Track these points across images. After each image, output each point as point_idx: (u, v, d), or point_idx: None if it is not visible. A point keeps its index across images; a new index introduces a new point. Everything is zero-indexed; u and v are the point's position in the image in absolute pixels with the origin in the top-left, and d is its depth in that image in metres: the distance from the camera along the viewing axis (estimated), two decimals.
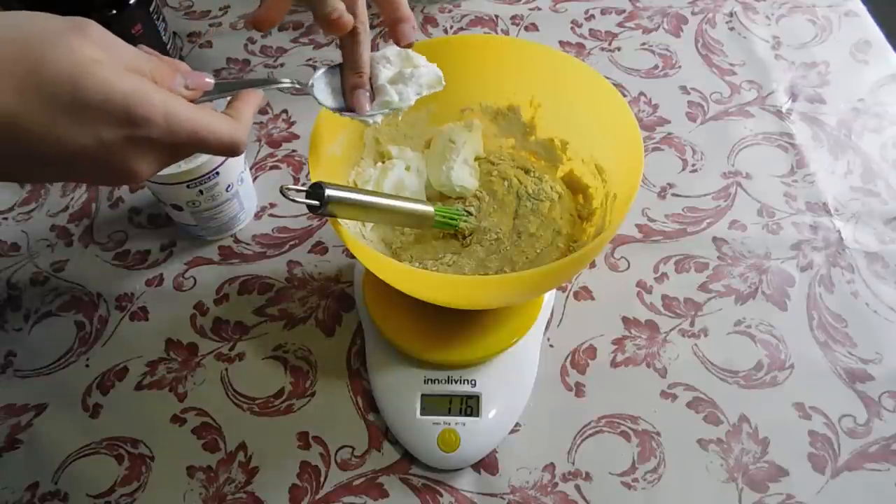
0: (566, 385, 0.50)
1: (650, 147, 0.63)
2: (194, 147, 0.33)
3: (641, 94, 0.67)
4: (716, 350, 0.51)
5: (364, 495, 0.46)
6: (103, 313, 0.54)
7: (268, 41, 0.72)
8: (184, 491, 0.46)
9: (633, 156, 0.41)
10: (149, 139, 0.31)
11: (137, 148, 0.31)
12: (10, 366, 0.52)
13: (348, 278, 0.55)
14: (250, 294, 0.55)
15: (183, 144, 0.32)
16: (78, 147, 0.29)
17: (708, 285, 0.54)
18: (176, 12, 0.76)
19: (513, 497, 0.45)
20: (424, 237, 0.49)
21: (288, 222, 0.59)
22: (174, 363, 0.51)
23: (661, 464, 0.46)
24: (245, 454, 0.47)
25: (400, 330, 0.48)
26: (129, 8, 0.58)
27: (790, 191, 0.59)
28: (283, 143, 0.64)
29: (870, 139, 0.63)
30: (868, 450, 0.46)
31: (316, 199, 0.37)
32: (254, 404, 0.49)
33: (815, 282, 0.54)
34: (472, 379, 0.47)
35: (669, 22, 0.73)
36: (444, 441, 0.45)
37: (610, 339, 0.52)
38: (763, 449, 0.47)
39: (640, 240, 0.57)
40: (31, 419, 0.49)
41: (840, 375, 0.50)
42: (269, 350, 0.52)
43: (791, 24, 0.72)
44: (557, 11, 0.74)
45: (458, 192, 0.49)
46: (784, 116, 0.65)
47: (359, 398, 0.49)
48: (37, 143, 0.29)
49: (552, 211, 0.49)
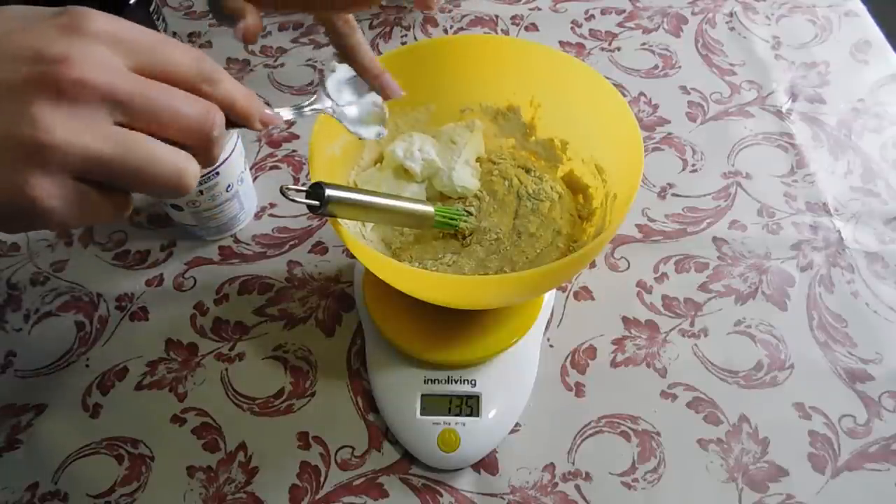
0: (566, 385, 0.50)
1: (650, 147, 0.63)
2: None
3: (641, 94, 0.67)
4: (716, 350, 0.51)
5: (364, 495, 0.46)
6: (103, 313, 0.54)
7: (268, 41, 0.72)
8: (184, 491, 0.46)
9: (633, 156, 0.41)
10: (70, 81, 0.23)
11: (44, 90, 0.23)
12: (10, 366, 0.52)
13: (348, 278, 0.55)
14: (250, 294, 0.55)
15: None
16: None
17: (708, 285, 0.54)
18: (176, 12, 0.76)
19: (513, 497, 0.45)
20: (424, 237, 0.49)
21: (288, 222, 0.59)
22: (174, 363, 0.51)
23: (661, 464, 0.46)
24: (245, 454, 0.47)
25: (400, 330, 0.48)
26: (129, 8, 0.58)
27: (790, 191, 0.59)
28: (283, 143, 0.64)
29: (870, 139, 0.63)
30: (868, 450, 0.46)
31: (316, 199, 0.37)
32: (254, 404, 0.49)
33: (815, 282, 0.54)
34: (472, 379, 0.47)
35: (669, 22, 0.73)
36: (444, 441, 0.45)
37: (610, 339, 0.52)
38: (763, 449, 0.47)
39: (640, 240, 0.57)
40: (31, 419, 0.49)
41: (840, 375, 0.50)
42: (269, 350, 0.52)
43: (791, 24, 0.72)
44: (557, 11, 0.74)
45: (460, 193, 0.49)
46: (784, 116, 0.65)
47: (359, 398, 0.49)
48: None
49: (552, 211, 0.49)
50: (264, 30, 0.73)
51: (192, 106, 0.27)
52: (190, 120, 0.27)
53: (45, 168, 0.24)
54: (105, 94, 0.24)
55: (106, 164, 0.25)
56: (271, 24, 0.74)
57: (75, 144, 0.24)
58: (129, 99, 0.25)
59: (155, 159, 0.26)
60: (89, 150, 0.24)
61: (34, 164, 0.23)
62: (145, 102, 0.25)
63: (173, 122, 0.26)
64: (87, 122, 0.24)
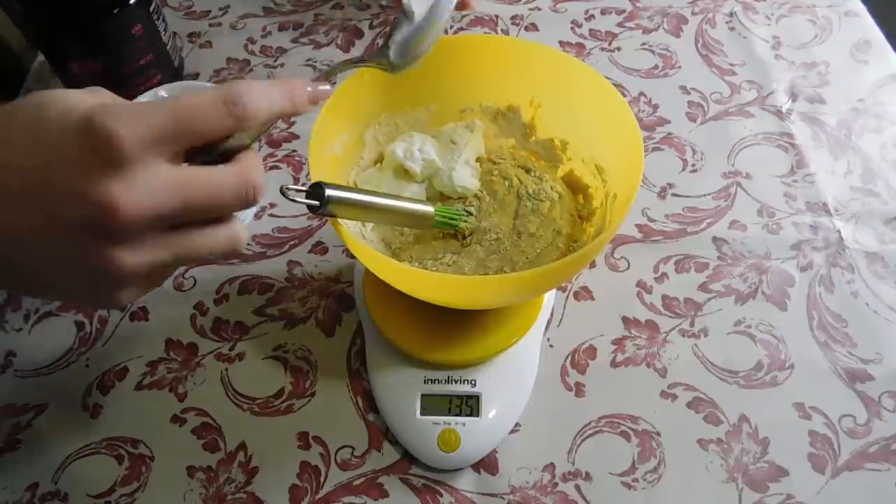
0: (566, 385, 0.50)
1: (650, 147, 0.63)
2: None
3: (641, 94, 0.67)
4: (716, 350, 0.51)
5: (364, 495, 0.46)
6: (103, 313, 0.54)
7: (268, 41, 0.72)
8: (184, 491, 0.46)
9: (633, 156, 0.41)
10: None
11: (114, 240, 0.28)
12: (10, 366, 0.52)
13: (348, 278, 0.55)
14: (250, 294, 0.55)
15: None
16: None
17: (708, 285, 0.54)
18: (176, 12, 0.76)
19: (513, 497, 0.45)
20: (424, 237, 0.49)
21: (288, 222, 0.59)
22: (174, 363, 0.51)
23: (661, 464, 0.46)
24: (245, 454, 0.47)
25: (400, 330, 0.48)
26: (129, 8, 0.58)
27: (790, 191, 0.59)
28: (283, 143, 0.64)
29: (870, 139, 0.63)
30: (868, 450, 0.46)
31: (316, 199, 0.37)
32: (254, 404, 0.49)
33: (815, 282, 0.54)
34: (472, 379, 0.47)
35: (669, 22, 0.73)
36: (444, 441, 0.45)
37: (610, 339, 0.52)
38: (763, 449, 0.47)
39: (640, 240, 0.57)
40: (31, 419, 0.49)
41: (840, 375, 0.50)
42: (269, 350, 0.52)
43: (791, 24, 0.72)
44: (557, 11, 0.74)
45: (460, 193, 0.49)
46: (784, 116, 0.65)
47: (359, 398, 0.49)
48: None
49: (552, 211, 0.49)
50: (264, 30, 0.73)
51: (229, 186, 0.30)
52: (231, 200, 0.30)
53: (123, 287, 0.30)
54: (153, 220, 0.28)
55: (172, 265, 0.30)
56: (271, 24, 0.74)
57: (145, 266, 0.29)
58: (173, 213, 0.28)
59: (209, 247, 0.31)
60: (158, 263, 0.29)
61: (116, 286, 0.29)
62: (188, 206, 0.29)
63: (217, 211, 0.30)
64: (146, 244, 0.28)
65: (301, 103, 0.33)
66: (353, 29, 0.73)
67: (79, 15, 0.57)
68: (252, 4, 0.76)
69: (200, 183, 0.28)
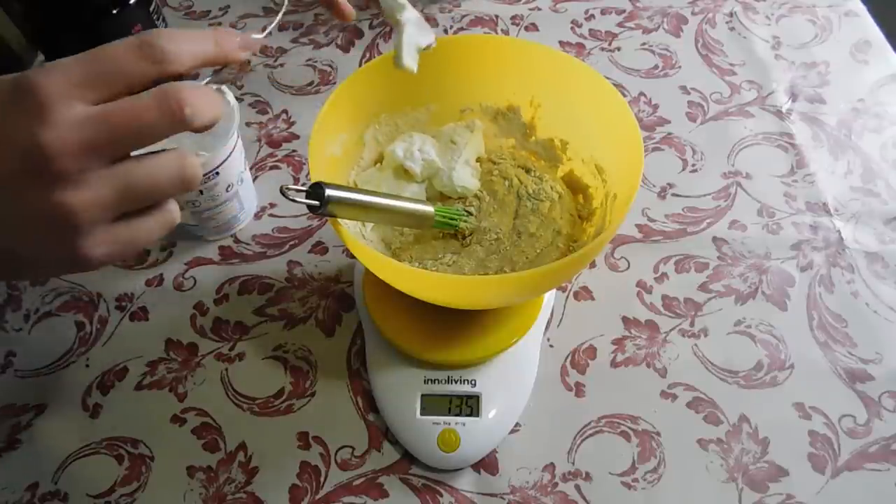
0: (566, 385, 0.50)
1: (650, 147, 0.63)
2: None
3: (641, 94, 0.67)
4: (716, 350, 0.51)
5: (364, 495, 0.46)
6: (103, 313, 0.54)
7: (268, 41, 0.72)
8: (184, 491, 0.46)
9: (633, 156, 0.41)
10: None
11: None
12: (10, 366, 0.52)
13: (348, 278, 0.55)
14: (250, 294, 0.55)
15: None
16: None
17: (708, 285, 0.54)
18: (176, 12, 0.76)
19: (513, 497, 0.45)
20: (424, 237, 0.49)
21: (288, 222, 0.59)
22: (174, 363, 0.51)
23: (661, 464, 0.46)
24: (245, 454, 0.47)
25: (400, 330, 0.48)
26: (129, 8, 0.58)
27: (790, 191, 0.59)
28: (283, 143, 0.64)
29: (870, 139, 0.63)
30: (868, 450, 0.46)
31: (316, 199, 0.37)
32: (254, 404, 0.49)
33: (815, 282, 0.54)
34: (472, 379, 0.47)
35: (669, 22, 0.73)
36: (444, 441, 0.45)
37: (610, 339, 0.52)
38: (763, 449, 0.47)
39: (640, 240, 0.57)
40: (31, 419, 0.49)
41: (840, 375, 0.50)
42: (269, 350, 0.52)
43: (791, 24, 0.72)
44: (557, 11, 0.74)
45: (460, 193, 0.49)
46: (784, 116, 0.65)
47: (359, 398, 0.49)
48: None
49: (552, 211, 0.49)
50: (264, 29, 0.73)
51: (151, 105, 0.29)
52: (157, 118, 0.29)
53: (81, 234, 0.28)
54: (83, 153, 0.28)
55: (121, 200, 0.29)
56: (271, 23, 0.74)
57: (92, 204, 0.28)
58: (102, 143, 0.28)
59: (155, 174, 0.30)
60: (105, 200, 0.28)
61: (74, 234, 0.28)
62: (115, 133, 0.28)
63: (149, 134, 0.29)
64: (89, 181, 0.28)
65: (231, 50, 0.34)
66: (353, 29, 0.73)
67: (78, 15, 0.57)
68: (252, 4, 0.76)
69: (121, 109, 0.28)
